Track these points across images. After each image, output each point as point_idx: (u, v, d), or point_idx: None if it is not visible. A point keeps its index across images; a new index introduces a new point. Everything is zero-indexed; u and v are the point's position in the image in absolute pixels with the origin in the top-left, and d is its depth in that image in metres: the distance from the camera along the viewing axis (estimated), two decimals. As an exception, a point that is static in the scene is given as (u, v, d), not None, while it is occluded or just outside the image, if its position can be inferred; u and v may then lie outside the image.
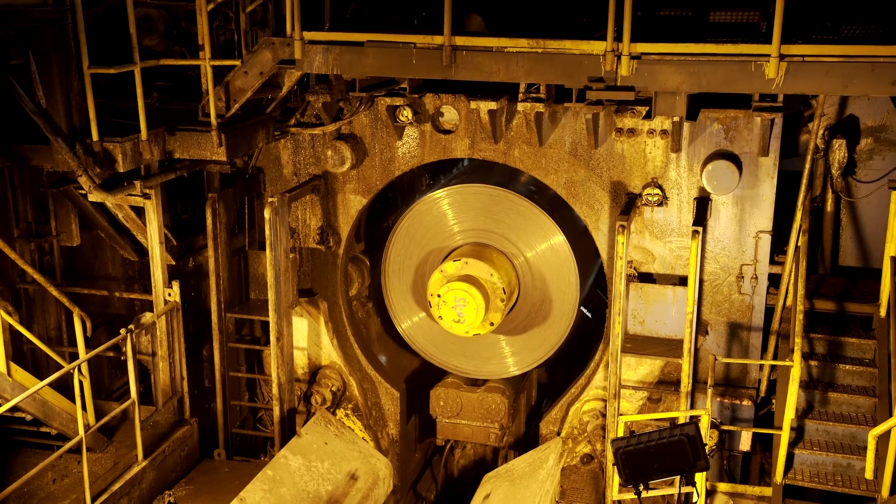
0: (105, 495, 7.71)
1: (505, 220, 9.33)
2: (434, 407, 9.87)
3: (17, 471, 7.92)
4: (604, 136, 8.57)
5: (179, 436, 8.81)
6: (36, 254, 9.23)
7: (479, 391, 9.78)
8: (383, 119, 9.02)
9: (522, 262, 9.41)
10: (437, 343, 9.98)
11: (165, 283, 8.55)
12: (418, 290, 9.79)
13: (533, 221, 9.26)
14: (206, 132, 7.78)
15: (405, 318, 10.01)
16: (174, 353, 8.74)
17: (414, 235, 9.64)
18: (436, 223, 9.55)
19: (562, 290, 9.35)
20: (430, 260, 9.63)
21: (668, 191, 8.57)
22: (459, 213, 9.49)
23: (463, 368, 9.98)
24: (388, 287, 9.93)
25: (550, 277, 9.37)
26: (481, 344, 9.79)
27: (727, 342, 8.79)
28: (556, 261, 9.29)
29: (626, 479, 5.58)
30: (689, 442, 5.49)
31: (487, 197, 9.35)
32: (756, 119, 7.97)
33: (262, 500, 7.87)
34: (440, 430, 9.96)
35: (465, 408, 9.80)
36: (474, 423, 9.78)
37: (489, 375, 9.94)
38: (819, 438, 8.38)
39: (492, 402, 9.67)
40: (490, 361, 9.89)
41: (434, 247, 9.60)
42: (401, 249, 9.73)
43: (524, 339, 9.69)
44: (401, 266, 9.77)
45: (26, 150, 7.58)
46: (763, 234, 8.46)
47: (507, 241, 9.39)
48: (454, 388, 9.85)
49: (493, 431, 9.75)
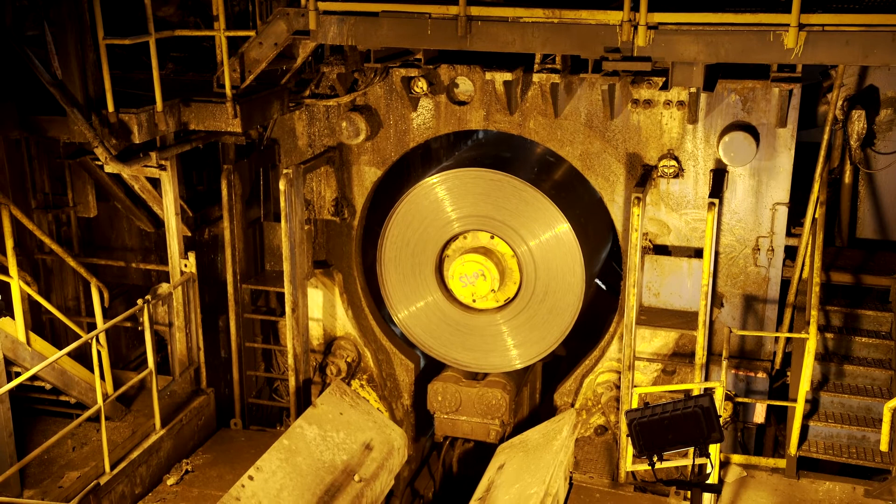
0: (124, 463, 7.83)
1: (506, 206, 8.98)
2: (432, 402, 9.55)
3: (38, 438, 8.04)
4: (620, 107, 8.51)
5: (196, 405, 8.90)
6: (53, 225, 9.29)
7: (478, 385, 9.44)
8: (398, 90, 8.98)
9: (525, 250, 9.07)
10: (435, 334, 9.63)
11: (181, 254, 8.60)
12: (416, 279, 9.49)
13: (536, 208, 8.92)
14: (221, 103, 7.78)
15: (402, 308, 9.66)
16: (190, 323, 8.81)
17: (411, 222, 9.28)
18: (434, 209, 9.19)
19: (566, 280, 9.01)
20: (429, 248, 9.34)
21: (685, 162, 8.52)
22: (459, 198, 9.11)
23: (463, 361, 9.62)
24: (384, 276, 9.59)
25: (555, 268, 9.03)
26: (482, 336, 9.49)
27: (742, 314, 8.77)
28: (560, 250, 8.96)
29: (640, 451, 5.59)
30: (703, 413, 5.47)
31: (488, 182, 8.98)
32: (774, 90, 7.88)
33: (278, 468, 7.95)
34: (438, 425, 9.62)
35: (464, 403, 9.43)
36: (474, 420, 9.43)
37: (490, 369, 9.60)
38: (834, 411, 8.38)
39: (492, 397, 9.32)
40: (491, 354, 9.53)
41: (432, 234, 9.25)
42: (397, 237, 9.37)
43: (526, 332, 9.34)
44: (397, 254, 9.44)
45: (43, 121, 7.60)
46: (780, 206, 8.41)
47: (508, 229, 9.06)
48: (453, 382, 9.51)
49: (494, 428, 9.39)
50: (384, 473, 8.69)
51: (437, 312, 9.53)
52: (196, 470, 8.50)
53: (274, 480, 7.81)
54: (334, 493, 8.15)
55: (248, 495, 7.53)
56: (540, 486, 7.64)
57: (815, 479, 8.28)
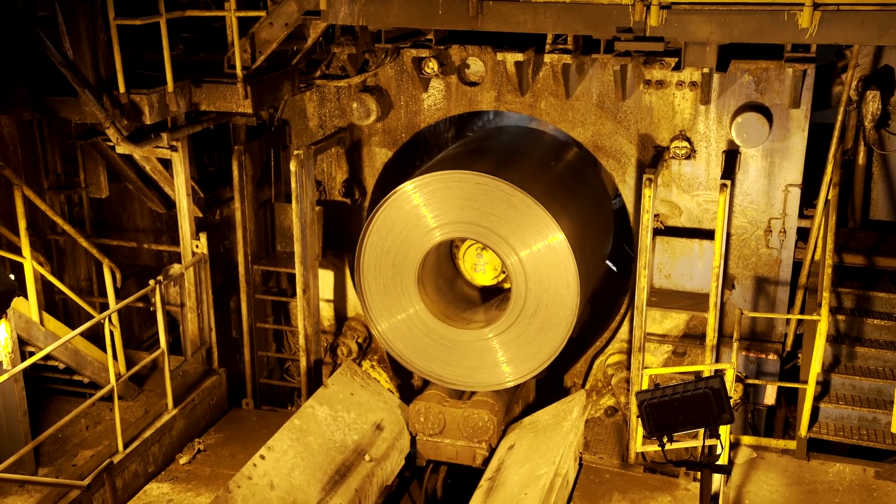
0: (136, 442, 7.89)
1: (494, 212, 8.30)
2: (413, 423, 8.87)
3: (52, 417, 8.12)
4: (632, 88, 8.46)
5: (208, 385, 8.96)
6: (66, 205, 9.34)
7: (464, 406, 8.77)
8: (409, 71, 8.95)
9: (515, 261, 8.39)
10: (417, 349, 9.00)
11: (193, 234, 8.62)
12: (397, 288, 8.87)
13: (527, 215, 8.22)
14: (231, 84, 7.77)
15: (382, 320, 9.04)
16: (202, 304, 8.84)
17: (392, 228, 8.64)
18: (415, 215, 8.55)
19: (560, 293, 8.35)
20: (410, 257, 8.71)
21: (697, 144, 8.48)
22: (443, 202, 8.45)
23: (448, 378, 8.98)
24: (363, 286, 8.93)
25: (547, 280, 8.37)
26: (468, 351, 8.86)
27: (754, 296, 8.75)
28: (553, 261, 8.29)
29: (651, 432, 5.59)
30: (713, 395, 5.46)
31: (474, 185, 8.29)
32: (788, 70, 7.83)
33: (289, 448, 8.00)
34: (421, 448, 8.94)
35: (448, 424, 8.76)
36: (459, 443, 8.74)
37: (478, 387, 8.94)
38: (845, 393, 8.36)
39: (478, 419, 8.64)
40: (478, 371, 8.89)
41: (414, 240, 8.63)
42: (377, 244, 8.73)
43: (516, 348, 8.69)
44: (377, 262, 8.80)
45: (54, 102, 7.61)
46: (792, 187, 8.36)
47: (496, 237, 8.39)
48: (436, 401, 8.83)
49: (481, 452, 8.69)
50: (395, 453, 8.74)
51: (419, 325, 8.94)
52: (208, 449, 8.57)
53: (285, 460, 7.87)
54: (345, 472, 8.20)
55: (260, 474, 7.59)
56: (550, 466, 7.67)
57: (825, 460, 8.28)
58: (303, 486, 7.80)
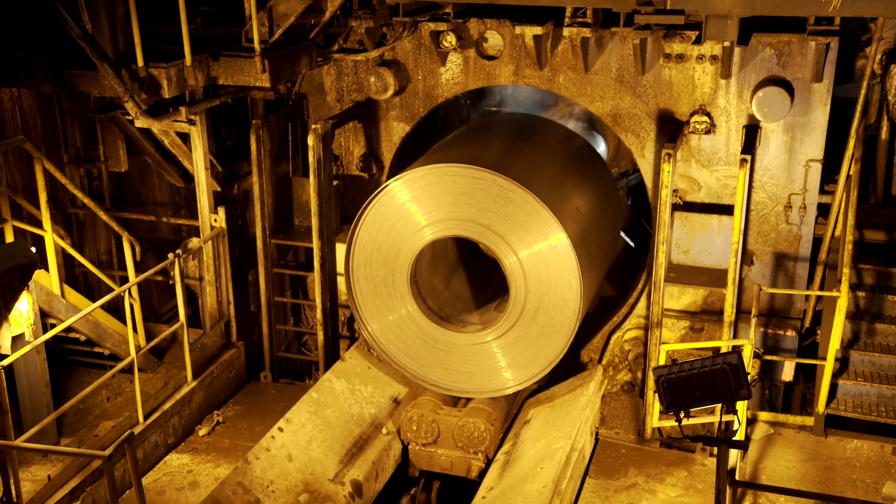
0: (156, 414, 7.97)
1: (492, 209, 7.84)
2: (405, 432, 8.45)
3: (73, 388, 8.22)
4: (651, 62, 8.38)
5: (227, 358, 9.03)
6: (85, 179, 9.39)
7: (459, 414, 8.36)
8: (426, 45, 8.91)
9: (514, 261, 7.95)
10: (411, 352, 8.58)
11: (211, 208, 8.66)
12: (388, 288, 8.43)
13: (527, 212, 7.77)
14: (249, 58, 7.75)
15: (372, 321, 8.62)
16: (220, 277, 8.89)
17: (383, 224, 8.21)
18: (408, 211, 8.11)
19: (562, 296, 7.93)
20: (403, 253, 8.26)
21: (717, 118, 8.40)
22: (436, 197, 7.99)
23: (443, 384, 8.58)
24: (353, 285, 8.53)
25: (548, 281, 7.94)
26: (464, 356, 8.44)
27: (773, 272, 8.70)
28: (555, 261, 7.85)
29: (667, 407, 5.59)
30: (731, 370, 5.45)
31: (469, 180, 7.83)
32: (811, 43, 7.73)
33: (307, 421, 8.07)
34: (414, 458, 8.51)
35: (442, 434, 8.32)
36: (454, 453, 8.31)
37: (474, 394, 8.55)
38: (864, 369, 8.33)
39: (474, 428, 8.21)
40: (474, 377, 8.48)
41: (406, 238, 8.20)
42: (367, 240, 8.32)
43: (515, 353, 8.28)
44: (368, 260, 8.39)
45: (73, 75, 7.63)
46: (814, 162, 8.29)
47: (494, 235, 7.92)
48: (430, 409, 8.40)
49: (477, 463, 8.26)
50: (412, 427, 8.78)
51: (411, 326, 8.51)
52: (227, 421, 8.65)
53: (303, 432, 7.94)
54: (362, 445, 8.27)
55: (278, 446, 7.66)
56: (566, 440, 7.69)
57: (842, 436, 8.26)
58: (320, 459, 7.87)
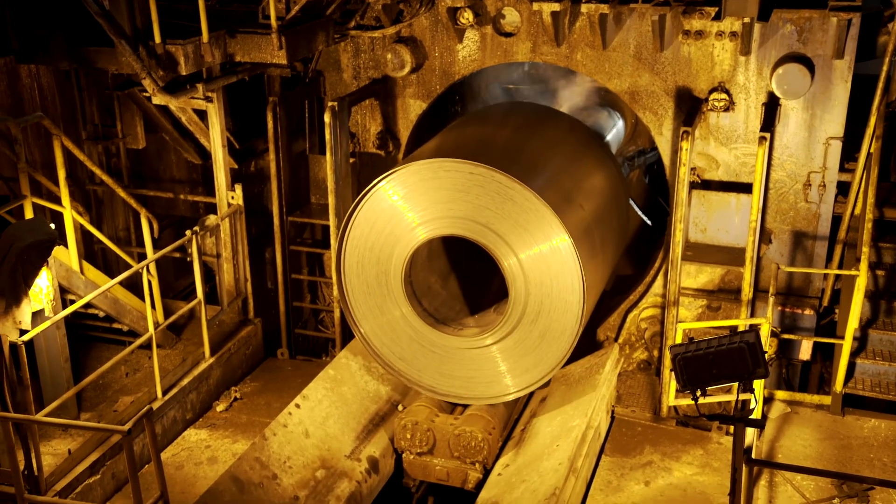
0: (175, 389, 8.04)
1: (490, 206, 7.48)
2: (399, 440, 8.09)
3: (92, 364, 8.28)
4: (670, 38, 8.31)
5: (244, 335, 9.08)
6: (104, 156, 9.42)
7: (456, 422, 8.02)
8: (443, 21, 8.86)
9: (514, 263, 7.59)
10: (406, 356, 8.25)
11: (228, 186, 8.68)
12: (381, 288, 8.09)
13: (527, 210, 7.42)
14: (266, 35, 7.74)
15: (364, 323, 8.29)
16: (238, 254, 8.93)
17: (376, 222, 7.87)
18: (401, 208, 7.77)
19: (564, 299, 7.59)
20: (397, 252, 7.91)
21: (736, 95, 8.33)
22: (431, 193, 7.63)
23: (440, 390, 8.26)
24: (346, 284, 8.18)
25: (549, 284, 7.60)
26: (462, 360, 8.11)
27: (791, 251, 8.65)
28: (557, 262, 7.50)
29: (684, 385, 5.58)
30: (748, 349, 5.43)
31: (467, 176, 7.46)
32: (832, 19, 7.64)
33: (323, 397, 8.12)
34: (408, 467, 8.19)
35: (438, 442, 7.99)
36: (450, 463, 8.00)
37: (473, 400, 8.22)
38: (882, 349, 8.29)
39: (471, 437, 7.87)
40: (473, 382, 8.15)
41: (399, 236, 7.85)
42: (360, 239, 7.97)
43: (515, 358, 7.96)
44: (360, 259, 8.04)
45: (91, 52, 7.64)
46: (834, 140, 8.21)
47: (493, 235, 7.56)
48: (425, 416, 8.08)
49: (474, 474, 7.94)
50: (428, 404, 8.81)
51: (406, 329, 8.18)
52: (244, 397, 8.72)
53: (320, 409, 7.99)
54: (378, 422, 8.32)
55: (295, 422, 7.72)
56: (582, 418, 7.71)
57: (860, 416, 8.24)
58: (337, 435, 7.93)
